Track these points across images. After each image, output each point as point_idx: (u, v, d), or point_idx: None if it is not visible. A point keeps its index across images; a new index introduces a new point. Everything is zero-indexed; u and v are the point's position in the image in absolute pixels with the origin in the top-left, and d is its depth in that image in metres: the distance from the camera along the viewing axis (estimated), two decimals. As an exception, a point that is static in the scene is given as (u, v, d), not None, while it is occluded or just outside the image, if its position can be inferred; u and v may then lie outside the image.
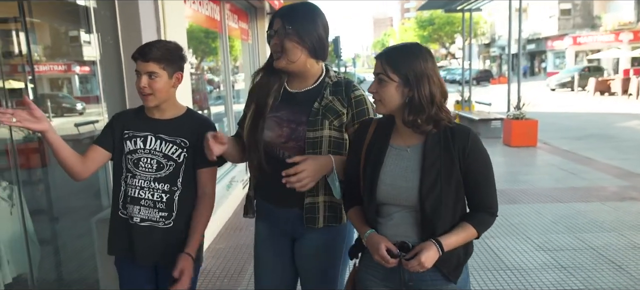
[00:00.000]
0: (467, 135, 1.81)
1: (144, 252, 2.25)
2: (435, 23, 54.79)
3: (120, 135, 2.26)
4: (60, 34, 9.88)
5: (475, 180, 1.82)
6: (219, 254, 4.86)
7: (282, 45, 2.05)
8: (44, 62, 8.71)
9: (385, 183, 1.85)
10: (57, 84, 15.08)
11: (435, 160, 1.79)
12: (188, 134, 2.25)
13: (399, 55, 1.79)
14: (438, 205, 1.77)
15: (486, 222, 1.86)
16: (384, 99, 1.80)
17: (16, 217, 3.40)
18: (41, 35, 8.08)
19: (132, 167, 2.23)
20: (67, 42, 12.83)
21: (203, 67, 12.22)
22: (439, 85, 1.76)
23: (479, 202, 1.85)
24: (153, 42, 2.19)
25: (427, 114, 1.75)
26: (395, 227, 1.85)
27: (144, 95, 2.16)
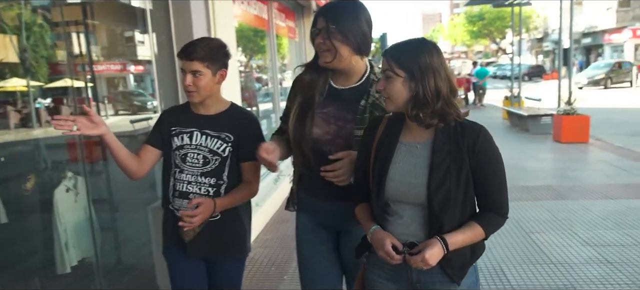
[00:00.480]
0: (478, 132, 1.76)
1: (193, 244, 2.31)
2: (485, 18, 53.62)
3: (168, 132, 2.33)
4: (116, 35, 10.25)
5: (485, 179, 1.77)
6: (266, 244, 5.05)
7: (326, 44, 2.05)
8: (101, 61, 9.07)
9: (394, 180, 1.82)
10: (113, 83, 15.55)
11: (445, 157, 1.75)
12: (232, 128, 2.30)
13: (404, 51, 1.77)
14: (446, 203, 1.73)
15: (495, 223, 1.81)
16: (391, 95, 1.77)
17: (80, 205, 3.67)
18: (99, 36, 8.49)
19: (180, 163, 2.29)
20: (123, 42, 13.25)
21: (251, 65, 12.50)
22: (446, 80, 1.73)
23: (489, 202, 1.80)
24: (197, 41, 2.24)
25: (431, 108, 1.71)
26: (404, 225, 1.82)
27: (189, 93, 2.24)
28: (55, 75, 15.79)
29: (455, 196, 1.73)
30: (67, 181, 3.61)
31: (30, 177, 3.58)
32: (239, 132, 2.29)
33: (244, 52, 11.48)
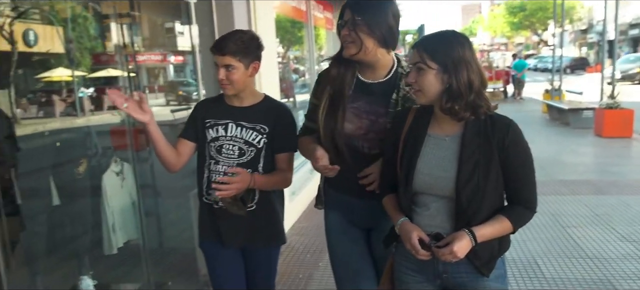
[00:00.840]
0: (508, 126, 1.77)
1: (229, 235, 2.35)
2: (526, 9, 52.50)
3: (202, 124, 2.34)
4: (157, 26, 10.44)
5: (514, 173, 1.77)
6: (303, 231, 5.16)
7: (351, 36, 2.03)
8: (142, 52, 9.27)
9: (422, 172, 1.82)
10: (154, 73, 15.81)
11: (474, 150, 1.75)
12: (267, 120, 2.31)
13: (436, 43, 1.77)
14: (475, 196, 1.73)
15: (523, 216, 1.81)
16: (423, 88, 1.77)
17: (126, 190, 3.83)
18: (142, 27, 8.71)
19: (215, 154, 2.30)
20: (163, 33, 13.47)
21: (289, 57, 12.60)
22: (477, 72, 1.73)
23: (517, 196, 1.80)
24: (229, 35, 2.23)
25: (465, 100, 1.71)
26: (431, 217, 1.82)
27: (223, 86, 2.25)
28: (98, 66, 16.19)
29: (483, 189, 1.73)
30: (115, 166, 3.79)
31: (81, 161, 3.76)
32: (273, 124, 2.30)
33: (281, 43, 11.60)
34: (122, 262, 3.95)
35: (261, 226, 2.36)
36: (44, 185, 3.57)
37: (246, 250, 2.42)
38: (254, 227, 2.34)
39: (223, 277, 2.44)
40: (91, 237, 3.81)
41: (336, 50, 2.19)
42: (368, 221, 2.23)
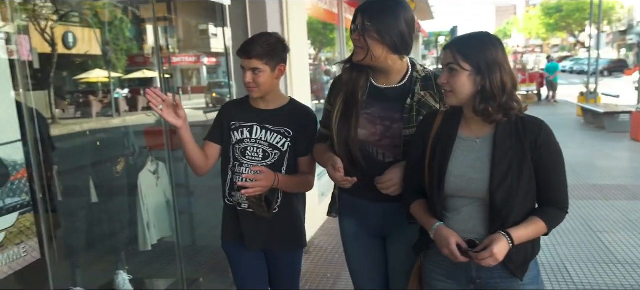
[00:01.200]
0: (540, 127, 1.76)
1: (252, 237, 2.36)
2: (563, 10, 51.53)
3: (228, 126, 2.35)
4: (192, 28, 10.65)
5: (547, 174, 1.76)
6: (331, 232, 5.23)
7: (361, 41, 2.00)
8: (177, 54, 9.47)
9: (454, 175, 1.80)
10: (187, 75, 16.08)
11: (507, 151, 1.75)
12: (291, 124, 2.30)
13: (470, 44, 1.76)
14: (509, 198, 1.72)
15: (557, 217, 1.80)
16: (455, 89, 1.75)
17: (160, 189, 3.96)
18: (177, 29, 8.91)
19: (240, 156, 2.31)
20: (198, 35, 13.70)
21: (320, 58, 12.68)
22: (509, 74, 1.73)
23: (550, 197, 1.79)
24: (255, 38, 2.24)
25: (498, 102, 1.71)
26: (464, 221, 1.80)
27: (249, 89, 2.26)
28: (133, 67, 16.51)
29: (516, 190, 1.72)
30: (150, 166, 3.92)
31: (119, 160, 3.90)
32: (297, 128, 2.30)
33: (313, 45, 11.69)
34: (156, 258, 4.09)
35: (283, 229, 2.37)
36: (83, 183, 3.72)
37: (268, 253, 2.44)
38: (276, 230, 2.34)
39: (245, 278, 2.47)
40: (127, 233, 3.94)
41: None
42: (382, 227, 2.19)
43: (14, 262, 2.24)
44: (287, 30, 4.63)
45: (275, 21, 4.46)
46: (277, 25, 4.51)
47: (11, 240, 2.24)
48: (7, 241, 2.21)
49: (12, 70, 2.31)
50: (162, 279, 4.05)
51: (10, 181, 2.26)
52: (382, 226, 2.19)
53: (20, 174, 2.32)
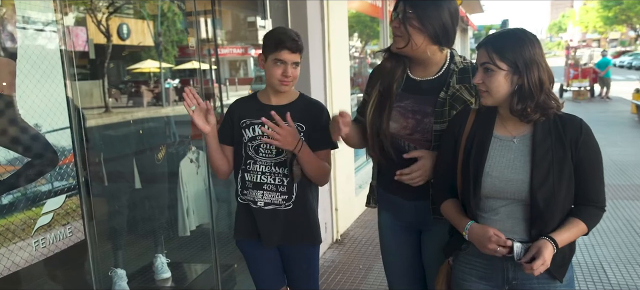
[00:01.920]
0: (580, 125, 1.72)
1: (269, 234, 2.34)
2: (623, 2, 49.38)
3: (238, 124, 2.33)
4: (240, 20, 10.89)
5: (586, 173, 1.72)
6: (366, 224, 5.31)
7: (401, 29, 1.97)
8: (225, 45, 9.68)
9: (492, 175, 1.76)
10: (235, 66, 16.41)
11: (547, 151, 1.70)
12: (304, 118, 2.28)
13: (506, 42, 1.70)
14: (551, 199, 1.68)
15: (596, 217, 1.76)
16: (491, 90, 1.71)
17: (201, 177, 4.12)
18: (224, 21, 9.13)
19: (253, 154, 2.30)
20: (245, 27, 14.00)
21: (366, 51, 12.71)
22: (546, 71, 1.68)
23: (589, 196, 1.75)
24: (291, 33, 2.24)
25: (536, 101, 1.67)
26: (501, 221, 1.76)
27: (285, 83, 2.23)
28: (183, 58, 17.04)
29: (557, 191, 1.69)
30: (191, 154, 4.09)
31: (161, 148, 4.07)
32: (310, 122, 2.29)
33: (360, 38, 11.74)
34: (193, 243, 4.26)
35: (299, 225, 2.36)
36: (128, 169, 3.90)
37: (283, 249, 2.43)
38: (291, 226, 2.34)
39: (264, 275, 2.48)
40: (167, 219, 4.12)
41: None
42: (418, 222, 2.17)
43: (60, 242, 2.39)
44: (327, 24, 4.69)
45: (315, 15, 4.54)
46: (317, 19, 4.58)
47: (58, 221, 2.38)
48: (54, 222, 2.36)
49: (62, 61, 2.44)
50: (198, 264, 4.22)
51: (59, 166, 2.40)
52: (416, 222, 2.18)
53: (68, 159, 2.45)
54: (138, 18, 13.88)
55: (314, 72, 4.45)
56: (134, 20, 14.20)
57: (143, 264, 3.93)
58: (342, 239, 4.97)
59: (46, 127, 2.31)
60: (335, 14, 4.82)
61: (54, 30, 2.38)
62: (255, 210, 2.33)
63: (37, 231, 2.27)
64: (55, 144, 2.37)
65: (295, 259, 2.44)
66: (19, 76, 2.17)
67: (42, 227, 2.30)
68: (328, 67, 4.68)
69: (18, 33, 2.17)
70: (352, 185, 5.43)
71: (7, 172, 2.15)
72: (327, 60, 4.68)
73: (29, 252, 2.23)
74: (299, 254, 2.44)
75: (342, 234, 5.04)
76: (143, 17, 13.41)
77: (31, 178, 2.25)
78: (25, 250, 2.22)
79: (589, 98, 18.52)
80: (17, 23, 2.17)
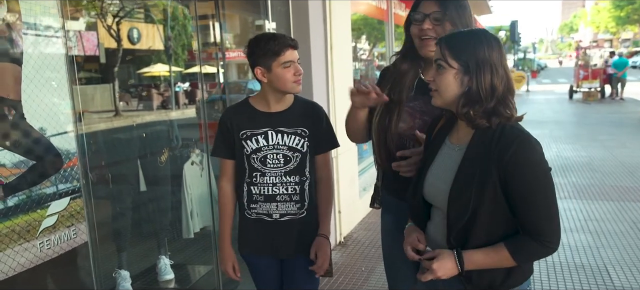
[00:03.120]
0: (512, 141, 1.52)
1: (286, 245, 2.28)
2: (635, 1, 48.96)
3: (238, 136, 2.23)
4: (247, 23, 10.96)
5: (518, 197, 1.52)
6: (370, 227, 5.32)
7: (436, 31, 1.91)
8: (232, 49, 9.76)
9: (428, 181, 1.71)
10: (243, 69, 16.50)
11: (472, 163, 1.57)
12: (305, 122, 2.24)
13: (461, 40, 1.61)
14: (463, 214, 1.55)
15: (530, 250, 1.55)
16: (440, 88, 1.62)
17: (204, 179, 4.17)
18: (231, 25, 9.20)
19: (260, 166, 2.22)
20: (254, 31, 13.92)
21: (374, 54, 12.74)
22: (503, 78, 1.56)
23: (524, 225, 1.55)
24: (281, 34, 2.20)
25: (484, 107, 1.55)
26: (433, 227, 1.73)
27: (298, 83, 2.17)
28: (192, 62, 17.14)
29: (475, 209, 1.53)
30: (194, 157, 4.14)
31: (164, 151, 4.13)
32: (312, 125, 2.24)
33: (368, 40, 11.79)
34: (197, 244, 4.31)
35: (310, 233, 2.30)
36: (133, 172, 3.96)
37: (286, 262, 2.34)
38: (305, 233, 2.28)
39: (268, 287, 2.41)
40: (171, 221, 4.17)
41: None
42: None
43: (65, 243, 2.44)
44: (330, 25, 4.72)
45: (317, 17, 4.57)
46: (319, 21, 4.62)
47: (63, 223, 2.43)
48: (59, 223, 2.41)
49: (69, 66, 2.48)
50: (201, 266, 4.28)
51: (63, 168, 2.45)
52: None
53: (72, 162, 2.50)
54: (149, 22, 13.97)
55: (315, 74, 4.48)
56: (144, 25, 14.31)
57: (147, 266, 3.99)
58: (345, 241, 5.00)
59: (51, 131, 2.37)
60: (337, 16, 4.85)
61: (59, 36, 2.43)
62: (271, 223, 2.26)
63: (41, 233, 2.32)
64: (60, 147, 2.42)
65: (302, 268, 2.32)
66: (24, 81, 2.22)
67: (47, 228, 2.35)
68: (330, 68, 4.71)
69: (23, 39, 2.21)
70: (355, 188, 5.46)
71: (13, 174, 2.20)
72: (330, 62, 4.71)
73: (34, 253, 2.28)
74: (304, 265, 2.31)
75: (345, 237, 5.06)
76: (153, 21, 13.52)
77: (36, 181, 2.30)
78: (31, 251, 2.27)
79: (600, 99, 18.39)
80: (22, 29, 2.23)
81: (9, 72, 2.18)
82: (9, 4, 2.16)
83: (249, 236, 2.33)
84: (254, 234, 2.30)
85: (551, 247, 1.55)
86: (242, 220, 2.33)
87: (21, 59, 2.22)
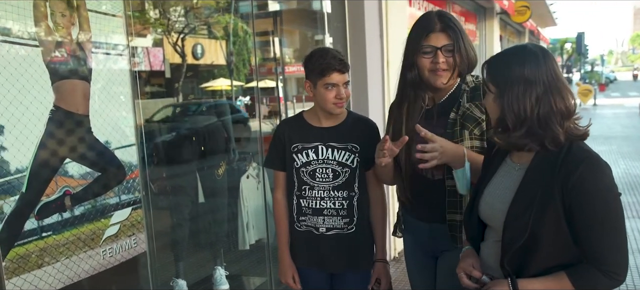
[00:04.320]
0: (578, 164, 1.40)
1: (334, 260, 2.29)
2: None
3: (289, 149, 2.28)
4: (307, 38, 11.12)
5: (584, 224, 1.41)
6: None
7: (449, 62, 1.95)
8: (292, 63, 9.93)
9: (485, 200, 1.63)
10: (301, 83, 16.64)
11: (534, 185, 1.46)
12: (357, 138, 2.24)
13: (497, 61, 1.54)
14: (520, 238, 1.45)
15: (592, 279, 1.42)
16: (489, 113, 1.58)
17: (260, 192, 4.24)
18: (290, 40, 9.36)
19: (309, 179, 2.25)
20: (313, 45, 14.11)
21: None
22: (546, 96, 1.43)
23: (586, 254, 1.43)
24: (334, 52, 2.21)
25: (522, 130, 1.45)
26: (487, 249, 1.64)
27: (339, 106, 2.19)
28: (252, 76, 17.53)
29: (535, 233, 1.44)
30: (251, 170, 4.22)
31: (221, 164, 4.23)
32: (363, 141, 2.24)
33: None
34: (251, 257, 4.38)
35: (361, 249, 2.31)
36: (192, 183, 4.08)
37: (336, 277, 2.36)
38: (355, 249, 2.29)
39: None
40: (227, 232, 4.25)
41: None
42: (434, 247, 2.14)
43: (126, 252, 2.54)
44: (386, 42, 4.71)
45: (374, 33, 4.58)
46: (376, 37, 4.61)
47: (124, 232, 2.54)
48: (121, 233, 2.52)
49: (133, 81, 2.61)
50: (255, 277, 4.35)
51: (126, 180, 2.56)
52: (432, 246, 2.14)
53: (134, 173, 2.61)
54: (212, 38, 14.44)
55: (371, 92, 4.48)
56: (207, 40, 14.80)
57: (203, 275, 4.08)
58: (399, 256, 4.94)
59: (115, 144, 2.48)
60: (394, 31, 4.82)
61: (123, 54, 2.54)
62: (318, 237, 2.28)
63: (105, 241, 2.43)
64: (123, 159, 2.53)
65: (352, 284, 2.34)
66: (92, 96, 2.34)
67: (110, 237, 2.46)
68: (387, 84, 4.70)
69: (92, 56, 2.34)
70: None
71: (80, 185, 2.32)
72: (386, 78, 4.69)
73: (97, 261, 2.39)
74: (355, 280, 2.34)
75: (400, 252, 5.00)
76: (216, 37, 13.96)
77: (100, 191, 2.42)
78: (94, 258, 2.38)
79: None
80: (92, 48, 2.35)
81: (79, 89, 2.31)
82: (80, 23, 2.30)
83: (299, 249, 2.36)
84: (303, 246, 2.34)
85: (618, 279, 1.43)
86: (292, 233, 2.36)
87: (90, 77, 2.34)
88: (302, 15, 6.49)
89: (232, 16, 8.96)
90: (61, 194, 2.24)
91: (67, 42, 2.23)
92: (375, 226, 2.33)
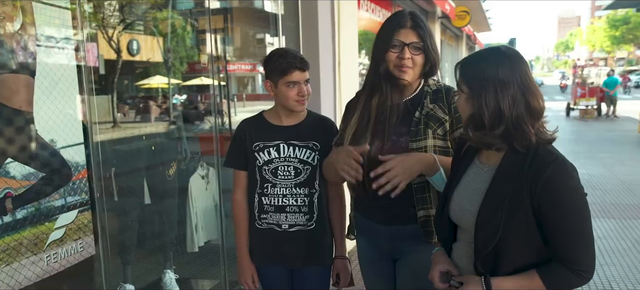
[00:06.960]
0: (546, 165, 1.43)
1: (294, 256, 2.31)
2: (630, 22, 49.54)
3: (251, 148, 2.30)
4: (249, 37, 10.98)
5: (552, 224, 1.44)
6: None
7: (415, 60, 1.97)
8: (234, 62, 9.78)
9: (454, 201, 1.64)
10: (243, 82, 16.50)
11: (503, 187, 1.48)
12: (316, 135, 2.28)
13: (470, 62, 1.55)
14: (492, 239, 1.46)
15: (563, 279, 1.45)
16: (461, 114, 1.58)
17: (210, 192, 4.13)
18: (234, 38, 9.22)
19: (271, 177, 2.27)
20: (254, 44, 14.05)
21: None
22: (517, 98, 1.45)
23: (558, 253, 1.46)
24: (294, 51, 2.26)
25: (494, 131, 1.46)
26: (459, 250, 1.66)
27: (301, 103, 2.22)
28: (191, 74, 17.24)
29: (506, 234, 1.45)
30: (201, 170, 4.11)
31: (172, 164, 4.10)
32: (323, 139, 2.27)
33: (367, 55, 11.96)
34: (202, 258, 4.26)
35: (318, 245, 2.33)
36: (138, 184, 3.93)
37: (297, 273, 2.37)
38: (313, 245, 2.32)
39: None
40: (176, 234, 4.13)
41: None
42: (393, 250, 2.11)
43: (71, 256, 2.42)
44: (338, 42, 4.72)
45: (326, 34, 4.58)
46: (328, 38, 4.62)
47: (70, 236, 2.41)
48: (66, 236, 2.39)
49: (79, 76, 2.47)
50: (207, 280, 4.24)
51: (72, 181, 2.43)
52: (391, 249, 2.11)
53: (81, 174, 2.49)
54: (148, 34, 14.08)
55: (324, 91, 4.48)
56: (144, 37, 14.41)
57: (152, 279, 3.93)
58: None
59: (61, 143, 2.35)
60: (345, 33, 4.85)
61: (70, 47, 2.42)
62: (280, 233, 2.30)
63: (49, 246, 2.30)
64: (69, 159, 2.40)
65: (311, 282, 2.36)
66: (36, 92, 2.21)
67: (54, 241, 2.33)
68: (338, 85, 4.71)
69: (37, 50, 2.20)
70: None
71: (22, 186, 2.18)
72: (338, 79, 4.71)
73: (41, 267, 2.26)
74: (315, 276, 2.37)
75: (350, 252, 5.02)
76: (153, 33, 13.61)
77: (46, 193, 2.29)
78: (38, 265, 2.25)
79: (596, 117, 18.50)
80: (36, 41, 2.21)
81: (22, 84, 2.17)
82: (24, 13, 2.15)
83: (260, 246, 2.37)
84: (264, 243, 2.35)
85: (586, 276, 1.46)
86: (253, 231, 2.37)
87: (34, 70, 2.20)
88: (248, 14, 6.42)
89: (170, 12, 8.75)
90: (2, 196, 2.12)
91: (9, 34, 2.08)
92: (334, 223, 2.38)
